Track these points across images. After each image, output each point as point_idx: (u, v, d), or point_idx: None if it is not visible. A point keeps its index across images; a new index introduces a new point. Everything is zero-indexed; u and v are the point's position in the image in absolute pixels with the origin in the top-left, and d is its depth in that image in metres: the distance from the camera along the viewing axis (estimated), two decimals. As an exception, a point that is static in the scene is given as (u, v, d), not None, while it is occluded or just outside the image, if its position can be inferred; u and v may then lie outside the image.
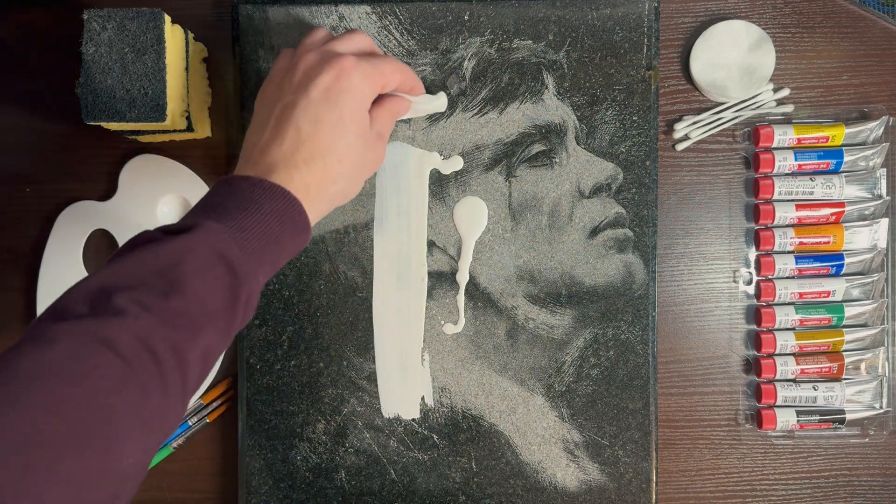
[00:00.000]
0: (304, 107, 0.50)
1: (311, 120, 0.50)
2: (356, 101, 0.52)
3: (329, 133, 0.50)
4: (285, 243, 0.48)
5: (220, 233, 0.45)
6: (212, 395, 0.67)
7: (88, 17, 0.58)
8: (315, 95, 0.51)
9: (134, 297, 0.41)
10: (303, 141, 0.50)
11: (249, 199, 0.47)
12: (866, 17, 0.67)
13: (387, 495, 0.65)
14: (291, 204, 0.48)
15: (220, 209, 0.47)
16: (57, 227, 0.66)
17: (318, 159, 0.50)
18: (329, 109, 0.50)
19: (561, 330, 0.65)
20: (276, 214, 0.48)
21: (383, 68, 0.53)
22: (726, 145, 0.67)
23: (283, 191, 0.48)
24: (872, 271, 0.66)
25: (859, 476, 0.68)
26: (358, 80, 0.51)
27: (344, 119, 0.51)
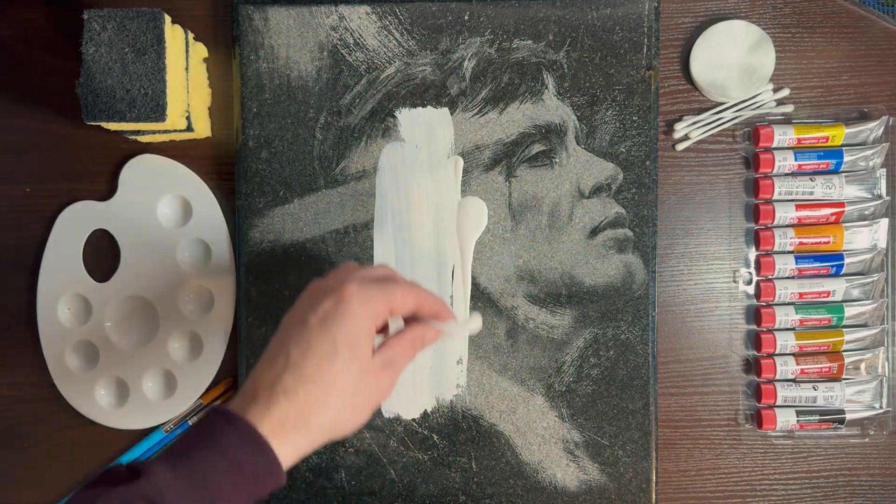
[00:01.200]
0: (297, 335, 0.48)
1: (302, 347, 0.48)
2: (352, 326, 0.48)
3: (316, 359, 0.48)
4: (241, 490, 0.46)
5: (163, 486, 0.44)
6: (212, 395, 0.67)
7: (88, 17, 0.58)
8: (312, 322, 0.48)
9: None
10: (288, 368, 0.47)
11: (215, 440, 0.46)
12: (866, 17, 0.67)
13: (387, 495, 0.65)
14: (261, 449, 0.46)
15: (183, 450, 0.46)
16: (57, 227, 0.66)
17: (299, 388, 0.47)
18: (321, 335, 0.48)
19: (561, 330, 0.65)
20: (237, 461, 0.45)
21: (392, 291, 0.50)
22: (726, 145, 0.67)
23: (253, 433, 0.46)
24: (872, 271, 0.66)
25: (859, 476, 0.68)
26: (357, 304, 0.49)
27: (336, 344, 0.48)
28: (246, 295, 0.65)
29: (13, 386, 0.68)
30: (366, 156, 0.65)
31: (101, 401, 0.67)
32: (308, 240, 0.65)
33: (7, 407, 0.68)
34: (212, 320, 0.66)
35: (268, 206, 0.65)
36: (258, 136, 0.65)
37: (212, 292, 0.66)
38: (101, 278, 0.67)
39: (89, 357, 0.67)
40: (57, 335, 0.66)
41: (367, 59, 0.65)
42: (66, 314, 0.67)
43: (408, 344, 0.52)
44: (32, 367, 0.67)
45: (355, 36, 0.65)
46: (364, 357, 0.49)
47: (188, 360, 0.67)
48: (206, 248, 0.67)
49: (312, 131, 0.65)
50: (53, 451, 0.68)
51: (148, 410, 0.66)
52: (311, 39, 0.65)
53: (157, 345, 0.66)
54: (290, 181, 0.65)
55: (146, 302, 0.67)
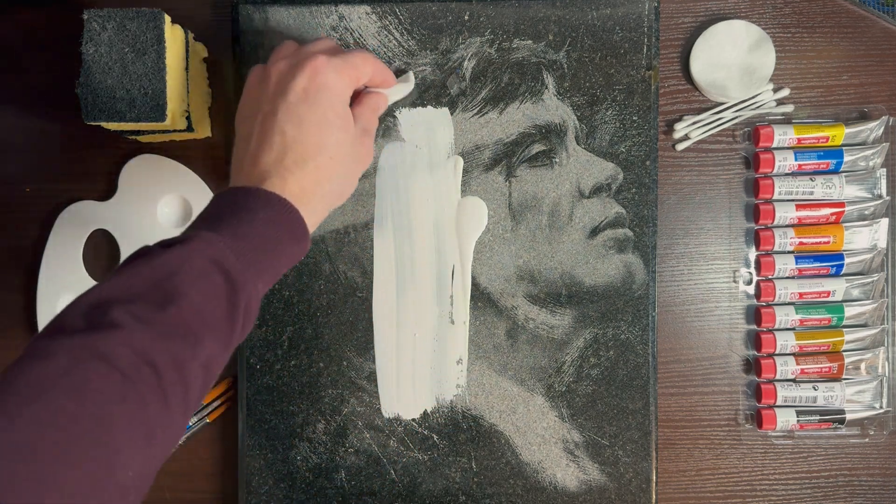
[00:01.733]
0: (284, 110, 0.50)
1: (295, 122, 0.50)
2: (335, 97, 0.52)
3: (315, 132, 0.50)
4: (283, 250, 0.48)
5: (215, 242, 0.45)
6: (212, 395, 0.67)
7: (88, 17, 0.58)
8: (293, 98, 0.51)
9: (131, 310, 0.41)
10: (290, 144, 0.50)
11: (244, 207, 0.47)
12: (866, 17, 0.67)
13: (387, 495, 0.65)
14: (287, 209, 0.48)
15: (215, 219, 0.47)
16: (57, 227, 0.66)
17: (308, 160, 0.50)
18: (310, 109, 0.50)
19: (561, 330, 0.65)
20: (271, 221, 0.47)
21: (354, 61, 0.53)
22: (726, 145, 0.67)
23: (277, 197, 0.48)
24: (872, 271, 0.66)
25: (859, 476, 0.68)
26: (333, 76, 0.51)
27: (327, 116, 0.51)
28: (246, 295, 0.65)
29: (13, 386, 0.68)
30: (366, 156, 0.65)
31: (101, 401, 0.67)
32: (308, 240, 0.65)
33: (7, 407, 0.68)
34: (212, 320, 0.66)
35: (268, 206, 0.65)
36: (258, 136, 0.65)
37: (212, 292, 0.66)
38: (102, 278, 0.67)
39: (89, 357, 0.67)
40: (57, 335, 0.66)
41: (367, 59, 0.65)
42: (66, 314, 0.67)
43: (372, 112, 0.56)
44: (32, 367, 0.67)
45: (355, 36, 0.65)
46: (351, 125, 0.52)
47: (188, 360, 0.67)
48: (206, 248, 0.67)
49: (312, 131, 0.65)
50: (53, 451, 0.68)
51: (148, 410, 0.66)
52: (312, 39, 0.65)
53: (157, 345, 0.66)
54: (290, 181, 0.65)
55: (146, 302, 0.67)
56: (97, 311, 0.41)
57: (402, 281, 0.65)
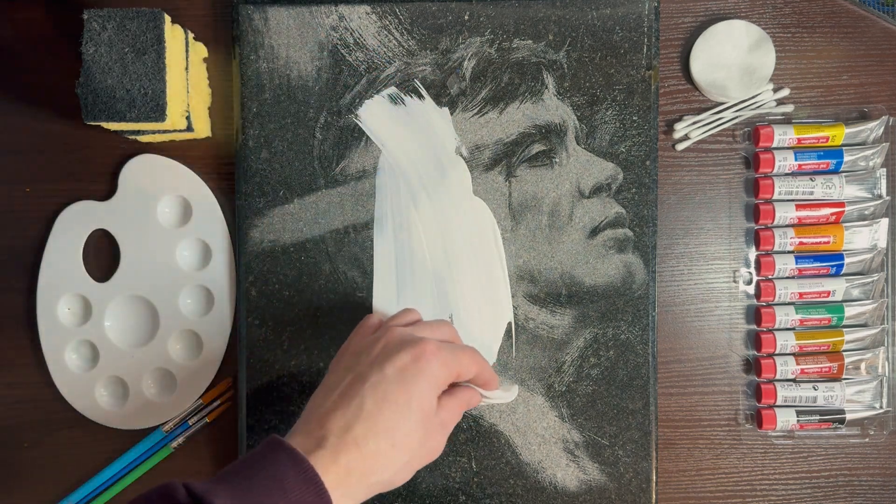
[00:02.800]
0: (374, 382, 0.49)
1: (379, 398, 0.48)
2: (428, 386, 0.49)
3: (392, 414, 0.48)
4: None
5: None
6: (212, 395, 0.67)
7: (88, 17, 0.58)
8: (389, 373, 0.49)
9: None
10: (363, 418, 0.47)
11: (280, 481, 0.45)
12: (866, 17, 0.67)
13: (387, 495, 0.65)
14: (320, 497, 0.45)
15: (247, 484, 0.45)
16: (57, 227, 0.66)
17: (370, 440, 0.47)
18: (399, 390, 0.48)
19: (561, 330, 0.65)
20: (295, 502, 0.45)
21: (462, 359, 0.52)
22: (726, 145, 0.67)
23: (317, 481, 0.45)
24: (872, 271, 0.66)
25: (859, 476, 0.68)
26: (436, 366, 0.50)
27: (411, 402, 0.49)
28: (246, 295, 0.65)
29: (13, 386, 0.68)
30: (366, 156, 0.65)
31: (101, 401, 0.67)
32: (308, 240, 0.65)
33: (7, 407, 0.68)
34: (212, 320, 0.66)
35: (268, 206, 0.65)
36: (258, 136, 0.65)
37: (212, 292, 0.66)
38: (101, 278, 0.67)
39: (89, 357, 0.67)
40: (57, 335, 0.66)
41: (367, 59, 0.65)
42: (66, 314, 0.67)
43: (460, 407, 0.54)
44: (32, 367, 0.67)
45: (355, 36, 0.65)
46: (431, 419, 0.50)
47: (188, 360, 0.67)
48: (206, 248, 0.67)
49: (312, 131, 0.65)
50: (53, 451, 0.68)
51: (148, 410, 0.66)
52: (311, 39, 0.65)
53: (157, 345, 0.66)
54: (290, 181, 0.65)
55: (146, 302, 0.67)
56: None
57: (402, 281, 0.65)
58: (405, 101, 0.65)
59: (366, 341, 0.53)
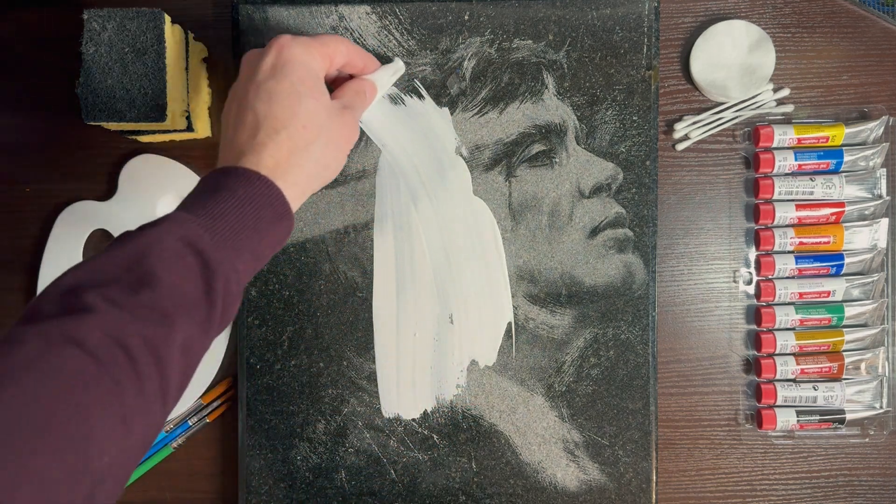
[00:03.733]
0: (254, 89, 0.50)
1: (264, 98, 0.50)
2: (303, 68, 0.51)
3: (284, 103, 0.50)
4: (264, 229, 0.47)
5: (188, 221, 0.44)
6: (212, 395, 0.67)
7: (88, 17, 0.58)
8: (261, 76, 0.51)
9: (103, 293, 0.40)
10: (261, 120, 0.49)
11: (222, 186, 0.47)
12: (866, 17, 0.67)
13: (387, 495, 0.65)
14: (263, 184, 0.47)
15: (192, 201, 0.47)
16: (57, 227, 0.66)
17: (280, 130, 0.49)
18: (278, 82, 0.50)
19: (561, 330, 0.65)
20: (249, 198, 0.47)
21: (323, 38, 0.54)
22: (726, 145, 0.67)
23: (252, 172, 0.47)
24: (872, 271, 0.66)
25: (859, 476, 0.68)
26: (299, 50, 0.51)
27: (295, 86, 0.50)
28: (246, 295, 0.65)
29: (13, 386, 0.68)
30: (366, 156, 0.65)
31: (101, 401, 0.67)
32: (308, 240, 0.65)
33: (7, 407, 0.68)
34: (212, 320, 0.66)
35: (268, 206, 0.65)
36: (258, 136, 0.65)
37: (212, 292, 0.66)
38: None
39: (89, 357, 0.67)
40: (57, 335, 0.66)
41: (367, 59, 0.65)
42: (66, 314, 0.67)
43: (355, 93, 0.56)
44: (32, 367, 0.67)
45: (355, 36, 0.65)
46: (325, 97, 0.52)
47: (188, 360, 0.67)
48: (206, 248, 0.67)
49: (312, 131, 0.65)
50: (53, 451, 0.68)
51: (148, 410, 0.66)
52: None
53: (157, 345, 0.66)
54: (290, 181, 0.65)
55: (146, 302, 0.67)
56: (70, 295, 0.41)
57: (402, 281, 0.65)
58: (405, 101, 0.65)
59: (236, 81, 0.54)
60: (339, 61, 0.55)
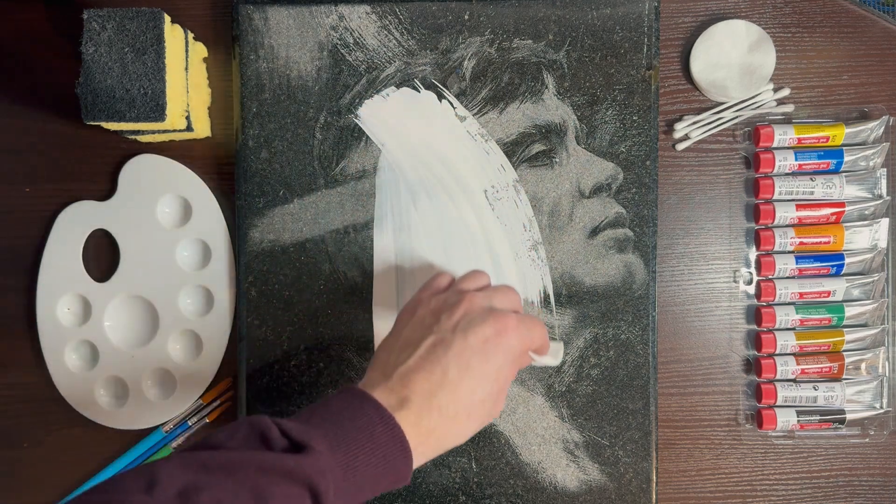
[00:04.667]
0: (458, 351, 0.49)
1: (463, 367, 0.49)
2: (509, 360, 0.51)
3: (472, 384, 0.49)
4: (377, 489, 0.47)
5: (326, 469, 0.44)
6: (212, 395, 0.67)
7: (88, 17, 0.58)
8: (473, 344, 0.50)
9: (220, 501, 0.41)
10: (446, 386, 0.49)
11: (371, 434, 0.46)
12: (866, 17, 0.67)
13: (387, 495, 0.65)
14: (405, 455, 0.47)
15: (340, 432, 0.46)
16: (57, 227, 0.66)
17: (451, 407, 0.49)
18: (482, 362, 0.49)
19: (561, 330, 0.65)
20: (385, 460, 0.46)
21: (535, 331, 0.53)
22: (726, 145, 0.67)
23: (404, 439, 0.47)
24: (873, 271, 0.66)
25: (859, 476, 0.68)
26: (516, 341, 0.51)
27: (492, 375, 0.50)
28: (246, 295, 0.65)
29: (13, 386, 0.68)
30: (366, 156, 0.65)
31: (100, 401, 0.67)
32: (308, 240, 0.65)
33: (7, 407, 0.68)
34: (212, 320, 0.66)
35: (268, 205, 0.65)
36: (258, 135, 0.65)
37: (212, 292, 0.66)
38: (101, 278, 0.67)
39: (89, 357, 0.67)
40: (57, 335, 0.66)
41: (367, 59, 0.65)
42: (66, 314, 0.67)
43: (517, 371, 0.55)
44: (32, 367, 0.67)
45: (355, 35, 0.65)
46: (503, 387, 0.52)
47: (188, 360, 0.67)
48: (206, 248, 0.67)
49: (312, 131, 0.65)
50: (53, 451, 0.68)
51: (148, 410, 0.66)
52: (311, 39, 0.65)
53: (157, 345, 0.66)
54: (290, 181, 0.65)
55: (146, 302, 0.67)
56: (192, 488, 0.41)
57: (402, 281, 0.65)
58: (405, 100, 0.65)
59: (442, 301, 0.53)
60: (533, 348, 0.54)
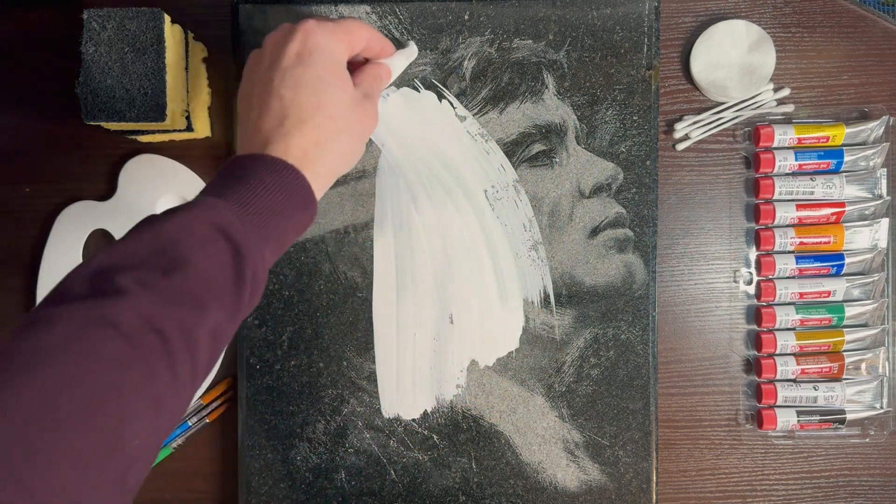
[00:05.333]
0: (280, 76, 0.50)
1: (291, 85, 0.50)
2: (329, 57, 0.51)
3: (311, 92, 0.50)
4: (290, 216, 0.47)
5: (220, 207, 0.45)
6: (212, 395, 0.67)
7: (88, 16, 0.58)
8: (287, 62, 0.50)
9: (135, 276, 0.40)
10: (287, 107, 0.49)
11: (249, 173, 0.47)
12: (866, 17, 0.67)
13: (387, 495, 0.65)
14: (291, 173, 0.48)
15: (220, 186, 0.47)
16: (57, 227, 0.66)
17: (307, 120, 0.49)
18: (305, 70, 0.50)
19: (561, 330, 0.65)
20: (276, 186, 0.47)
21: (346, 24, 0.53)
22: (727, 145, 0.67)
23: (280, 161, 0.48)
24: (873, 271, 0.66)
25: (859, 476, 0.68)
26: (325, 37, 0.51)
27: (322, 76, 0.50)
28: (246, 295, 0.65)
29: (13, 386, 0.68)
30: (366, 156, 0.65)
31: (100, 401, 0.67)
32: (308, 240, 0.65)
33: (7, 407, 0.68)
34: (212, 320, 0.66)
35: (268, 205, 0.65)
36: (258, 135, 0.65)
37: (212, 292, 0.66)
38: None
39: (89, 357, 0.67)
40: (57, 335, 0.66)
41: (367, 59, 0.65)
42: (66, 314, 0.67)
43: (374, 79, 0.56)
44: (32, 367, 0.67)
45: (355, 36, 0.65)
46: (349, 86, 0.52)
47: (188, 360, 0.67)
48: (205, 248, 0.67)
49: (312, 131, 0.65)
50: (53, 452, 0.68)
51: (148, 410, 0.66)
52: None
53: (156, 345, 0.66)
54: (289, 181, 0.65)
55: (146, 302, 0.67)
56: (101, 277, 0.40)
57: (402, 281, 0.65)
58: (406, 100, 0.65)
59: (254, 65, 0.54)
60: (360, 47, 0.55)
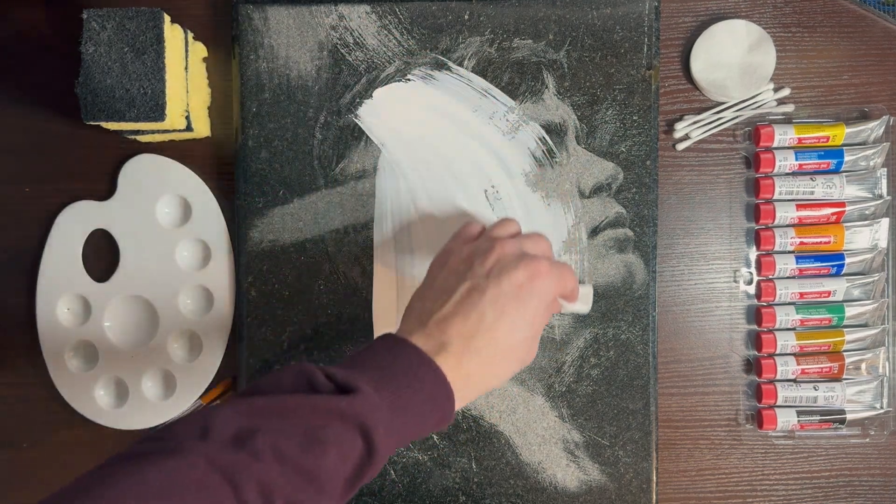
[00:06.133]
0: (493, 296, 0.50)
1: (498, 311, 0.50)
2: (542, 304, 0.52)
3: (508, 328, 0.50)
4: (425, 428, 0.48)
5: (375, 409, 0.45)
6: (212, 396, 0.67)
7: (88, 16, 0.58)
8: (507, 289, 0.50)
9: (275, 443, 0.42)
10: (483, 329, 0.50)
11: (413, 375, 0.47)
12: (867, 17, 0.67)
13: (387, 495, 0.65)
14: (448, 396, 0.48)
15: (384, 375, 0.47)
16: (57, 227, 0.66)
17: (487, 350, 0.50)
18: (516, 307, 0.50)
19: (561, 330, 0.65)
20: (431, 400, 0.47)
21: (566, 276, 0.54)
22: (727, 145, 0.67)
23: (446, 380, 0.48)
24: (873, 271, 0.66)
25: (859, 476, 0.68)
26: (548, 286, 0.52)
27: (526, 319, 0.51)
28: (246, 295, 0.65)
29: (13, 386, 0.68)
30: (366, 156, 0.65)
31: (100, 401, 0.67)
32: (308, 240, 0.65)
33: (7, 407, 0.68)
34: (212, 320, 0.66)
35: (267, 206, 0.65)
36: (258, 135, 0.65)
37: (212, 292, 0.66)
38: (101, 278, 0.67)
39: (89, 357, 0.67)
40: (56, 335, 0.66)
41: (367, 59, 0.65)
42: (66, 314, 0.67)
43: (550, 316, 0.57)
44: (32, 367, 0.67)
45: (355, 35, 0.65)
46: (540, 329, 0.53)
47: (188, 360, 0.67)
48: (205, 248, 0.67)
49: (312, 131, 0.65)
50: (53, 451, 0.68)
51: (148, 410, 0.66)
52: (311, 39, 0.65)
53: (156, 345, 0.66)
54: (290, 181, 0.65)
55: (146, 302, 0.67)
56: (245, 432, 0.42)
57: (402, 281, 0.65)
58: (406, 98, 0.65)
59: (474, 249, 0.54)
60: (566, 294, 0.55)
